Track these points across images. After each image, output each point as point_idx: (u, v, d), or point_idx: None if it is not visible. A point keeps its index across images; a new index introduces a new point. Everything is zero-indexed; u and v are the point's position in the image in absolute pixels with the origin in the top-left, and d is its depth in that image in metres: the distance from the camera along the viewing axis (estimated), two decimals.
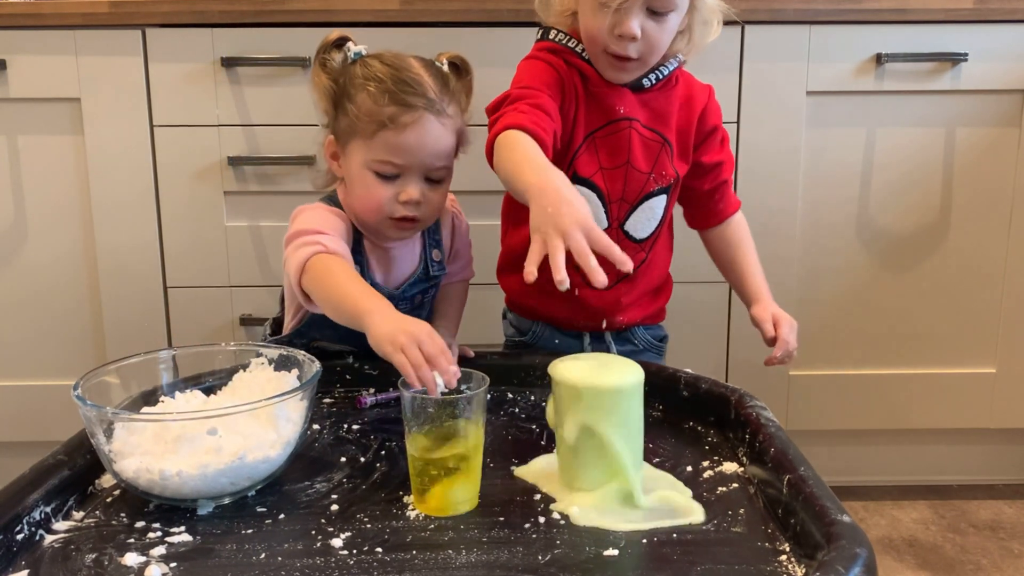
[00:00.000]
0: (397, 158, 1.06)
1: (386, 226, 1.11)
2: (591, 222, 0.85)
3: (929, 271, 1.63)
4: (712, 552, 0.74)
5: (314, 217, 1.09)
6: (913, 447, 1.73)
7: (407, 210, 1.08)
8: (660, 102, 1.18)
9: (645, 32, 1.07)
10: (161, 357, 0.98)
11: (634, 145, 1.16)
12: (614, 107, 1.15)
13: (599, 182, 1.16)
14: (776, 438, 0.86)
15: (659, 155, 1.18)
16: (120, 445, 0.82)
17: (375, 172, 1.08)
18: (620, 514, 0.80)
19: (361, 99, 1.07)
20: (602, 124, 1.15)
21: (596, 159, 1.16)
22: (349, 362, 1.14)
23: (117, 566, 0.73)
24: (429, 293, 1.21)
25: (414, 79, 1.06)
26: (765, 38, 1.53)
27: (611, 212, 1.18)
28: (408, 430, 0.82)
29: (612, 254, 0.84)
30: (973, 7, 1.51)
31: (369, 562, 0.73)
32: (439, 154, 1.08)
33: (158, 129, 1.54)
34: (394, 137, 1.05)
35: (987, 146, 1.59)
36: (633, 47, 1.08)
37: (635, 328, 1.27)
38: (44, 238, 1.58)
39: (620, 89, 1.15)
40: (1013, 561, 1.50)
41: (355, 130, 1.08)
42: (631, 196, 1.18)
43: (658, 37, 1.09)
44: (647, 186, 1.18)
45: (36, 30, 1.50)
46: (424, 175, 1.09)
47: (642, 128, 1.17)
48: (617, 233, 1.19)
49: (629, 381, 0.83)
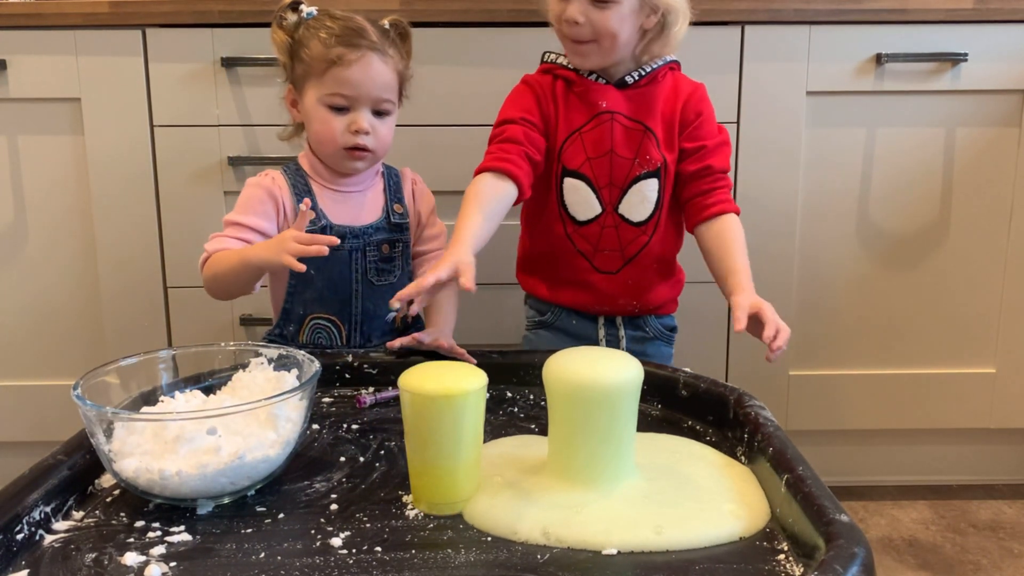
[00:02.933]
0: (346, 90, 1.21)
1: (341, 156, 1.25)
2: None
3: (929, 271, 1.63)
4: (711, 551, 0.74)
5: (237, 205, 1.26)
6: (913, 447, 1.73)
7: (359, 139, 1.23)
8: (644, 96, 1.27)
9: (590, 18, 1.19)
10: (161, 357, 0.98)
11: (616, 134, 1.26)
12: (597, 103, 1.26)
13: (587, 171, 1.27)
14: (775, 437, 0.86)
15: (642, 142, 1.26)
16: (120, 445, 0.83)
17: (328, 106, 1.23)
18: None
19: (313, 45, 1.22)
20: (585, 120, 1.26)
21: (583, 151, 1.26)
22: (349, 361, 1.14)
23: (117, 566, 0.73)
24: (397, 247, 1.31)
25: (358, 26, 1.23)
26: (765, 38, 1.53)
27: (603, 197, 1.27)
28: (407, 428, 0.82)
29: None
30: (973, 7, 1.51)
31: (368, 561, 0.73)
32: (382, 87, 1.23)
33: (158, 129, 1.54)
34: (342, 72, 1.21)
35: (987, 146, 1.59)
36: (580, 31, 1.20)
37: (647, 316, 1.34)
38: (44, 238, 1.59)
39: (605, 87, 1.27)
40: (1013, 561, 1.50)
41: (309, 73, 1.23)
42: (619, 180, 1.27)
43: (603, 23, 1.19)
44: (633, 171, 1.26)
45: (36, 30, 1.50)
46: (372, 108, 1.24)
47: (624, 119, 1.26)
48: (613, 216, 1.28)
49: (623, 377, 0.83)
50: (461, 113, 1.54)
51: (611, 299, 1.31)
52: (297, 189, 1.27)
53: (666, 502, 0.80)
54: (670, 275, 1.35)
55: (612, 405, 0.81)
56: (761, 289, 1.33)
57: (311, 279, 1.25)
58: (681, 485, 0.84)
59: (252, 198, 1.25)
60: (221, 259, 1.21)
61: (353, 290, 1.27)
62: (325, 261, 1.20)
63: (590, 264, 1.30)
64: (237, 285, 1.22)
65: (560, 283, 1.33)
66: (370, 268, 1.28)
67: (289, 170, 1.29)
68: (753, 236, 1.58)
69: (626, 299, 1.31)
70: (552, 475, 0.84)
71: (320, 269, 1.24)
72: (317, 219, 1.25)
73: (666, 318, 1.37)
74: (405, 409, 0.81)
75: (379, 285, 1.29)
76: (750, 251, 1.31)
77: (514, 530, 0.77)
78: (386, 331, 1.30)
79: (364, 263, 1.27)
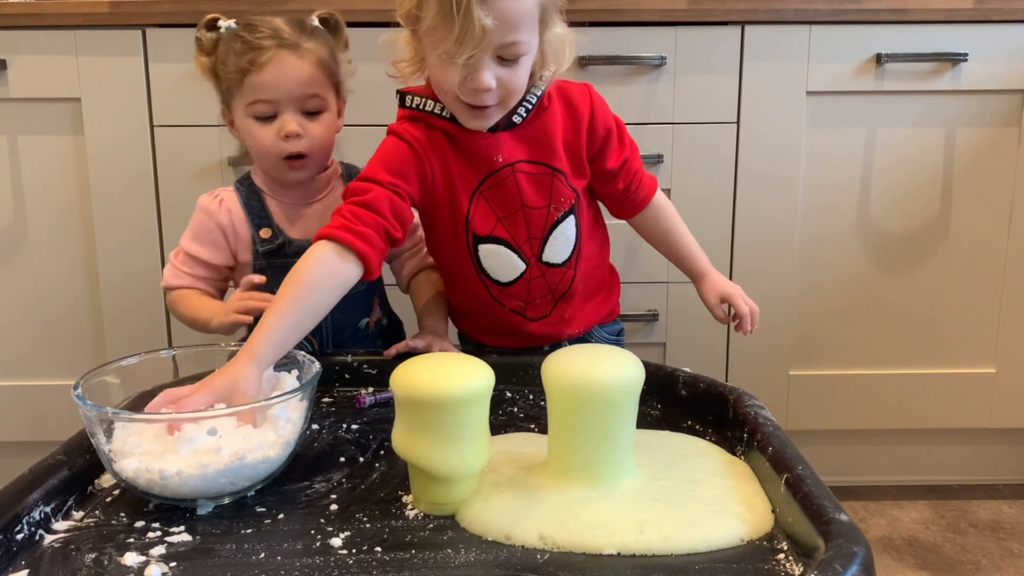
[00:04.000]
0: (264, 95, 1.15)
1: (280, 168, 1.19)
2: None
3: (929, 271, 1.63)
4: (710, 551, 0.74)
5: (190, 229, 1.23)
6: (913, 447, 1.73)
7: (292, 145, 1.16)
8: (540, 131, 1.13)
9: (499, 80, 1.03)
10: (161, 357, 0.98)
11: (523, 187, 1.13)
12: (491, 157, 1.12)
13: (501, 233, 1.15)
14: (774, 437, 0.86)
15: (552, 184, 1.14)
16: (120, 445, 0.83)
17: (253, 117, 1.17)
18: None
19: (229, 60, 1.17)
20: (483, 178, 1.13)
21: (491, 212, 1.14)
22: (348, 361, 1.14)
23: (117, 566, 0.73)
24: None
25: (264, 23, 1.16)
26: (765, 38, 1.53)
27: (523, 253, 1.16)
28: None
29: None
30: (973, 7, 1.51)
31: (368, 561, 0.73)
32: (303, 83, 1.16)
33: (158, 129, 1.54)
34: (256, 77, 1.14)
35: (987, 146, 1.59)
36: (490, 96, 1.04)
37: (591, 329, 1.28)
38: (44, 238, 1.59)
39: (492, 136, 1.11)
40: (1013, 561, 1.50)
41: (231, 88, 1.18)
42: (537, 232, 1.16)
43: (513, 82, 1.04)
44: (550, 217, 1.15)
45: (36, 30, 1.50)
46: (298, 108, 1.17)
47: (527, 166, 1.13)
48: (538, 267, 1.17)
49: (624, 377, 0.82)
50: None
51: (550, 337, 1.22)
52: (251, 208, 1.22)
53: (668, 504, 0.80)
54: (606, 286, 1.29)
55: (612, 404, 0.81)
56: (761, 289, 1.34)
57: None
58: (684, 486, 0.83)
59: (202, 228, 1.22)
60: (177, 302, 1.22)
61: None
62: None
63: (523, 317, 1.20)
64: (196, 329, 1.21)
65: (495, 334, 1.24)
66: None
67: (242, 187, 1.24)
68: (753, 236, 1.58)
69: (566, 330, 1.23)
70: (551, 475, 0.84)
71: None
72: (275, 236, 1.21)
73: (610, 324, 1.31)
74: (399, 409, 0.81)
75: (348, 295, 1.20)
76: (750, 253, 1.32)
77: (507, 535, 0.76)
78: (359, 338, 1.27)
79: None
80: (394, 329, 1.36)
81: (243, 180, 1.25)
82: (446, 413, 0.78)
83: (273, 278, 1.16)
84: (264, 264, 1.21)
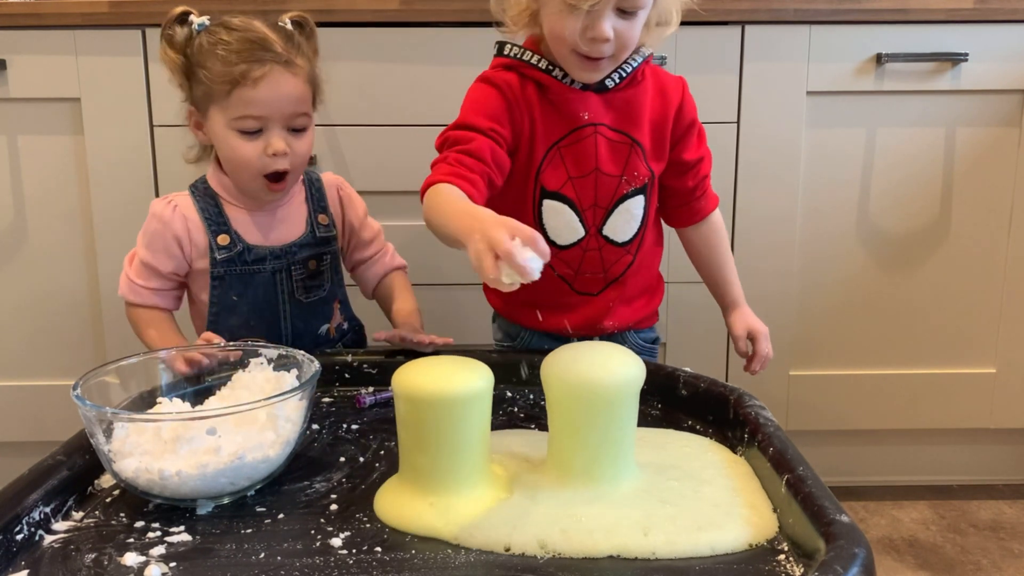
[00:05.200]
0: (255, 111, 1.11)
1: (259, 187, 1.16)
2: (514, 223, 0.81)
3: (929, 271, 1.63)
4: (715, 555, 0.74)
5: (143, 235, 1.19)
6: (913, 447, 1.73)
7: (276, 163, 1.13)
8: (628, 101, 1.15)
9: (616, 32, 1.05)
10: (161, 357, 0.98)
11: (600, 150, 1.14)
12: (577, 113, 1.13)
13: (569, 193, 1.15)
14: (775, 438, 0.86)
15: (629, 157, 1.15)
16: (119, 445, 0.83)
17: (238, 130, 1.12)
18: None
19: (212, 64, 1.11)
20: (565, 133, 1.13)
21: (564, 169, 1.14)
22: (348, 361, 1.14)
23: (117, 566, 0.73)
24: (325, 260, 1.23)
25: (260, 37, 1.12)
26: (765, 38, 1.53)
27: (586, 219, 1.16)
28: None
29: (536, 245, 0.79)
30: (973, 7, 1.51)
31: (368, 561, 0.73)
32: (295, 102, 1.13)
33: (158, 129, 1.54)
34: (249, 92, 1.10)
35: (987, 146, 1.59)
36: (607, 47, 1.06)
37: (626, 332, 1.26)
38: (44, 238, 1.58)
39: (583, 94, 1.13)
40: (1013, 561, 1.50)
41: (211, 95, 1.13)
42: (604, 201, 1.16)
43: (629, 35, 1.06)
44: (620, 189, 1.16)
45: (36, 30, 1.50)
46: (286, 126, 1.14)
47: (608, 131, 1.14)
48: (596, 238, 1.17)
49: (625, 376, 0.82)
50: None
51: (590, 321, 1.20)
52: (207, 213, 1.18)
53: (675, 505, 0.79)
54: (652, 289, 1.27)
55: (611, 404, 0.81)
56: (761, 289, 1.34)
57: (234, 306, 1.18)
58: (690, 487, 0.82)
59: (155, 235, 1.17)
60: (135, 323, 1.21)
61: (281, 311, 1.20)
62: (246, 286, 1.18)
63: (569, 287, 1.19)
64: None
65: (534, 307, 1.20)
66: (297, 287, 1.20)
67: (197, 191, 1.20)
68: (753, 236, 1.58)
69: (606, 320, 1.21)
70: (552, 476, 0.83)
71: (243, 295, 1.18)
72: (234, 244, 1.17)
73: (647, 331, 1.29)
74: (400, 412, 0.81)
75: (308, 302, 1.22)
76: (751, 253, 1.32)
77: (507, 544, 0.74)
78: (319, 343, 1.24)
79: (290, 283, 1.19)
80: (357, 333, 1.33)
81: (198, 184, 1.21)
82: (446, 414, 0.78)
83: (232, 285, 1.17)
84: (222, 272, 1.17)
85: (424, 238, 1.50)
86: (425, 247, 1.39)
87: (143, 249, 1.19)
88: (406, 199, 1.51)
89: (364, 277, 1.32)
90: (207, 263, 1.18)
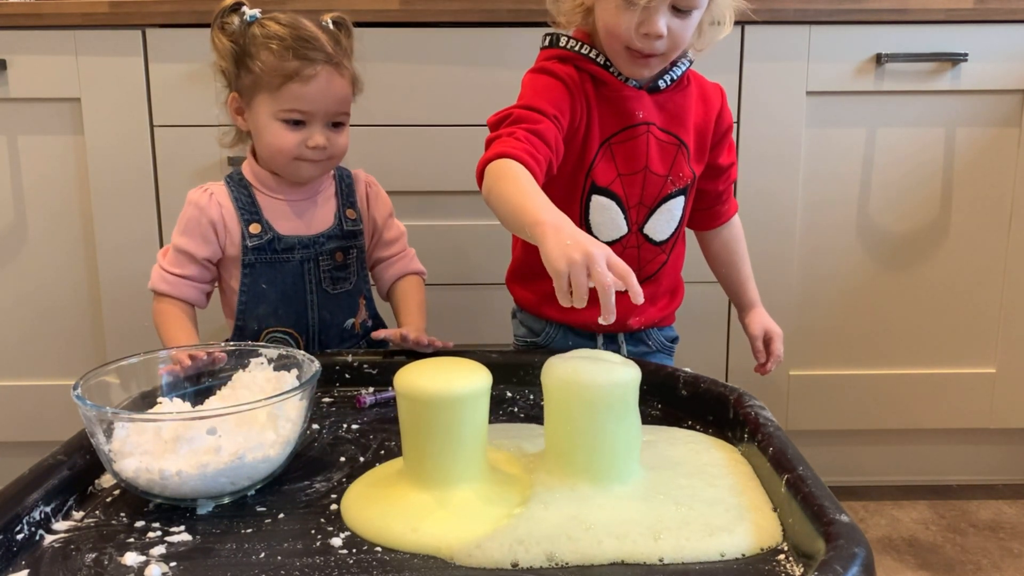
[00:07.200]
0: (303, 106, 1.16)
1: (296, 166, 1.20)
2: (611, 253, 0.83)
3: (929, 271, 1.63)
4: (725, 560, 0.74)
5: (180, 223, 1.21)
6: (913, 447, 1.73)
7: (315, 155, 1.19)
8: (676, 103, 1.17)
9: (670, 30, 1.06)
10: (161, 357, 0.98)
11: (651, 150, 1.15)
12: (632, 111, 1.14)
13: (617, 189, 1.16)
14: (775, 437, 0.86)
15: (676, 157, 1.17)
16: (120, 445, 0.82)
17: (283, 120, 1.17)
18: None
19: (264, 56, 1.16)
20: (618, 130, 1.14)
21: (614, 166, 1.15)
22: (348, 361, 1.14)
23: (117, 566, 0.73)
24: (352, 254, 1.26)
25: (312, 35, 1.17)
26: (765, 38, 1.53)
27: (630, 217, 1.17)
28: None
29: (630, 284, 0.82)
30: (973, 7, 1.51)
31: (368, 561, 0.73)
32: (340, 101, 1.19)
33: (158, 129, 1.54)
34: (299, 89, 1.15)
35: (987, 146, 1.59)
36: (659, 44, 1.07)
37: (650, 330, 1.27)
38: (44, 238, 1.59)
39: (637, 92, 1.14)
40: (1013, 561, 1.50)
41: (259, 85, 1.17)
42: (649, 200, 1.17)
43: (682, 34, 1.08)
44: (665, 188, 1.17)
45: (36, 30, 1.50)
46: (328, 122, 1.19)
47: (659, 131, 1.16)
48: (637, 236, 1.19)
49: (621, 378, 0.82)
50: (460, 113, 1.54)
51: (619, 318, 1.19)
52: (241, 203, 1.21)
53: (687, 506, 0.78)
54: (675, 289, 1.29)
55: (603, 405, 0.81)
56: (761, 289, 1.34)
57: (263, 294, 1.21)
58: (699, 489, 0.82)
59: (191, 221, 1.21)
60: (157, 315, 1.21)
61: (308, 300, 1.23)
62: (276, 275, 1.21)
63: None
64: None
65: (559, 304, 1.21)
66: (324, 277, 1.23)
67: (232, 181, 1.23)
68: (753, 236, 1.58)
69: (632, 317, 1.22)
70: (551, 476, 0.83)
71: (272, 282, 1.21)
72: (264, 232, 1.21)
73: (667, 329, 1.30)
74: (403, 412, 0.81)
75: (334, 293, 1.25)
76: (751, 251, 1.32)
77: (514, 561, 0.72)
78: (345, 338, 1.27)
79: (317, 272, 1.23)
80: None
81: (233, 175, 1.24)
82: (445, 414, 0.79)
83: (262, 273, 1.20)
84: (253, 259, 1.21)
85: (424, 238, 1.50)
86: (424, 248, 1.39)
87: (179, 236, 1.21)
88: (406, 199, 1.51)
89: (381, 276, 1.33)
90: (239, 251, 1.21)
